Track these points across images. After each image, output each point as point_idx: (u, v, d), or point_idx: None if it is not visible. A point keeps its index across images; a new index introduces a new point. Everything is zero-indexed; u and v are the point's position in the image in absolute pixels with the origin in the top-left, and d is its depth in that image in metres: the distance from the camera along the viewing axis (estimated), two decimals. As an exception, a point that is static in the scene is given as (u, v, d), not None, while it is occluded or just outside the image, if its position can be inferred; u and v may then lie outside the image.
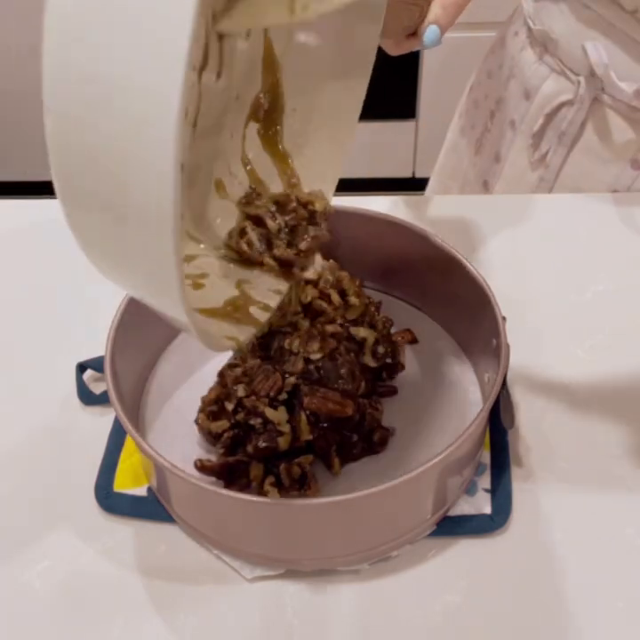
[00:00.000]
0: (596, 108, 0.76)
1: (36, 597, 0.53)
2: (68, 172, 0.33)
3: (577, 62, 0.75)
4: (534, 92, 0.81)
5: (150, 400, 0.62)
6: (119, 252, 0.35)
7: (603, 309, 0.68)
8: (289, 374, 0.57)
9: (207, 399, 0.59)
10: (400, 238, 0.61)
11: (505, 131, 0.87)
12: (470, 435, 0.49)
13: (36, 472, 0.59)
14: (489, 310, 0.55)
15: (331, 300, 0.59)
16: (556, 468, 0.58)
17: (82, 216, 0.35)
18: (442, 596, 0.52)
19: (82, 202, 0.34)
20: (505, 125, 0.87)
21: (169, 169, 0.30)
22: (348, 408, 0.55)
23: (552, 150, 0.80)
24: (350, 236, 0.63)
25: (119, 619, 0.52)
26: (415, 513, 0.52)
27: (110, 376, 0.53)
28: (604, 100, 0.75)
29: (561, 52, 0.77)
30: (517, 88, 0.84)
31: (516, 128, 0.85)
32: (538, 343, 0.65)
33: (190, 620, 0.52)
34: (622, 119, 0.75)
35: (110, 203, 0.33)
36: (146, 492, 0.57)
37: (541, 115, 0.80)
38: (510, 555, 0.54)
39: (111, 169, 0.31)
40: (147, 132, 0.30)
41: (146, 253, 0.34)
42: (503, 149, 0.87)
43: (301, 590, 0.53)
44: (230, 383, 0.58)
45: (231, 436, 0.56)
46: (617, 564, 0.53)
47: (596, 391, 0.62)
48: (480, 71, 0.93)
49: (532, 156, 0.84)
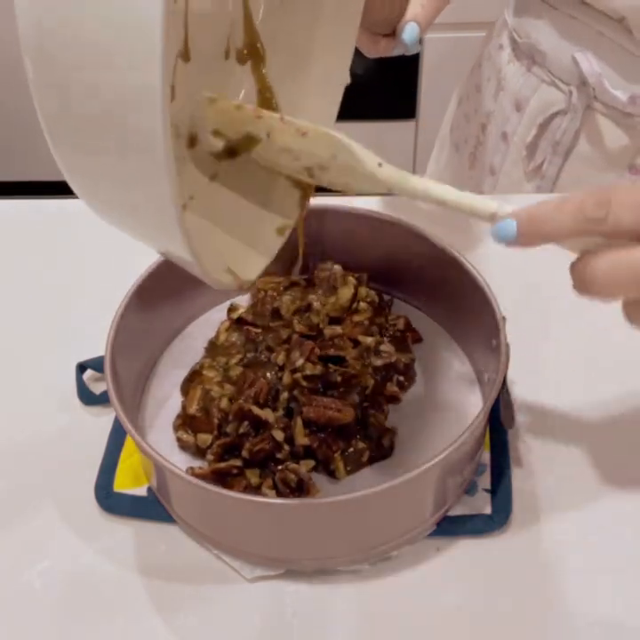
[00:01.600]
0: (589, 115, 0.76)
1: (36, 597, 0.53)
2: (52, 93, 0.32)
3: (567, 72, 0.75)
4: (525, 104, 0.81)
5: (150, 400, 0.62)
6: (113, 173, 0.34)
7: (603, 308, 0.68)
8: (282, 388, 0.56)
9: (185, 415, 0.59)
10: (400, 238, 0.61)
11: (498, 143, 0.86)
12: (470, 435, 0.49)
13: (36, 472, 0.59)
14: (489, 310, 0.55)
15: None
16: (555, 468, 0.58)
17: (69, 146, 0.34)
18: (442, 596, 0.52)
19: (69, 125, 0.33)
20: (497, 138, 0.86)
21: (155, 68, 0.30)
22: (347, 415, 0.55)
23: (547, 160, 0.80)
24: (350, 236, 0.63)
25: (119, 619, 0.52)
26: (415, 513, 0.52)
27: (110, 376, 0.53)
28: (597, 107, 0.75)
29: (550, 63, 0.77)
30: (507, 100, 0.83)
31: (508, 140, 0.85)
32: (538, 343, 0.65)
33: (190, 620, 0.52)
34: (616, 126, 0.75)
35: (99, 118, 0.32)
36: (146, 492, 0.57)
37: (534, 125, 0.80)
38: (510, 555, 0.54)
39: (97, 76, 0.31)
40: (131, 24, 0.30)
41: (140, 167, 0.33)
42: (497, 162, 0.87)
43: (301, 590, 0.53)
44: (206, 395, 0.58)
45: (221, 444, 0.55)
46: (617, 564, 0.53)
47: (596, 391, 0.62)
48: (468, 85, 0.93)
49: (527, 166, 0.84)
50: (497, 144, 0.86)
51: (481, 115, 0.89)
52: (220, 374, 0.60)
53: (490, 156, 0.88)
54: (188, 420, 0.58)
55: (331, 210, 0.64)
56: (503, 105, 0.84)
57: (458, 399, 0.60)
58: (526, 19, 0.79)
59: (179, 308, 0.64)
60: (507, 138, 0.85)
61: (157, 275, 0.59)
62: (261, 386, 0.56)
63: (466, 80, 0.94)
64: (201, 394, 0.59)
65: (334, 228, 0.63)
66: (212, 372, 0.61)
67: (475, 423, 0.49)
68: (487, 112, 0.87)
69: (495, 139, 0.87)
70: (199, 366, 0.62)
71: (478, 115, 0.90)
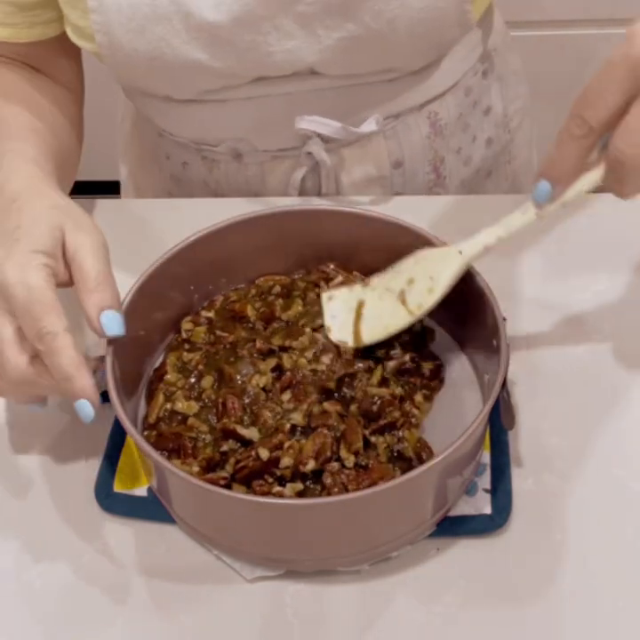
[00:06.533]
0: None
1: (36, 597, 0.53)
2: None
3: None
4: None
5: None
6: None
7: (603, 309, 0.68)
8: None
9: (148, 425, 0.58)
10: (399, 238, 0.61)
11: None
12: (470, 435, 0.49)
13: (36, 472, 0.59)
14: (489, 310, 0.55)
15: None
16: (555, 468, 0.58)
17: None
18: (442, 596, 0.52)
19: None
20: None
21: None
22: (388, 475, 0.53)
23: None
24: (349, 237, 0.63)
25: (119, 619, 0.52)
26: (415, 513, 0.52)
27: (110, 376, 0.53)
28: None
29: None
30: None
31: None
32: (538, 343, 0.65)
33: (190, 621, 0.52)
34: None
35: None
36: (146, 493, 0.57)
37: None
38: (510, 555, 0.54)
39: None
40: None
41: None
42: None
43: (301, 590, 0.53)
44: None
45: (207, 458, 0.54)
46: (617, 563, 0.53)
47: (595, 391, 0.62)
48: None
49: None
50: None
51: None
52: (183, 378, 0.59)
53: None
54: (153, 434, 0.57)
55: (331, 211, 0.64)
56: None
57: (458, 399, 0.60)
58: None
59: (179, 308, 0.64)
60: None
61: (157, 275, 0.59)
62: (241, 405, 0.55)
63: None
64: (162, 401, 0.58)
65: (335, 229, 0.63)
66: (175, 374, 0.59)
67: (475, 423, 0.49)
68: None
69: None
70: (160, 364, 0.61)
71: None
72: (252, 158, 0.77)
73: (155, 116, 0.79)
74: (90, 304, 0.53)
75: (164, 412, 0.57)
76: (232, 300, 0.63)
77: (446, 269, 0.56)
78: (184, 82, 0.70)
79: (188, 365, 0.60)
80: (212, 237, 0.61)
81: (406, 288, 0.58)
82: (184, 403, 0.57)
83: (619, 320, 0.67)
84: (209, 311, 0.63)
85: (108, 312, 0.53)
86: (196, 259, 0.61)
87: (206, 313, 0.63)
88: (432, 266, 0.57)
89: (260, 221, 0.62)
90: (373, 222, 0.62)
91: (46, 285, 0.52)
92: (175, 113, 0.76)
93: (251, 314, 0.61)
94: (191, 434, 0.55)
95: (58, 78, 0.75)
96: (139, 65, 0.67)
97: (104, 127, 1.02)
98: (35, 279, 0.51)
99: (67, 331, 0.51)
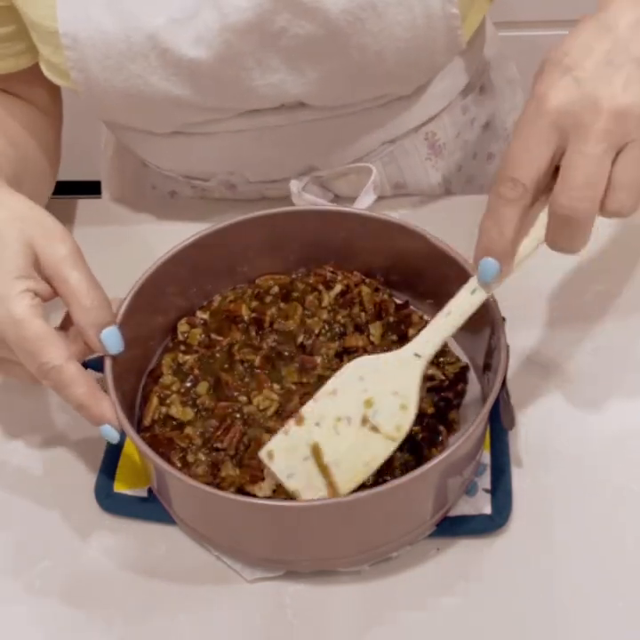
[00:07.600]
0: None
1: (36, 597, 0.53)
2: None
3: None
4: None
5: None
6: None
7: (603, 309, 0.68)
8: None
9: (144, 428, 0.57)
10: (400, 238, 0.61)
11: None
12: (470, 435, 0.49)
13: (36, 472, 0.59)
14: (489, 310, 0.55)
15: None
16: (555, 468, 0.58)
17: None
18: (442, 596, 0.52)
19: None
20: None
21: None
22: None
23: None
24: (349, 237, 0.63)
25: (119, 619, 0.52)
26: (415, 514, 0.52)
27: (110, 376, 0.53)
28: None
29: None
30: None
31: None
32: (538, 344, 0.65)
33: (190, 620, 0.52)
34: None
35: None
36: (146, 493, 0.57)
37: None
38: (510, 555, 0.54)
39: None
40: None
41: None
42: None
43: (301, 590, 0.53)
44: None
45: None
46: (617, 563, 0.53)
47: (596, 391, 0.62)
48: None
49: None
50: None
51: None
52: (178, 381, 0.59)
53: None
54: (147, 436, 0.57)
55: (331, 211, 0.64)
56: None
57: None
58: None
59: (179, 308, 0.64)
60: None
61: (157, 275, 0.59)
62: (235, 432, 0.55)
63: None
64: (157, 404, 0.58)
65: (335, 229, 0.63)
66: (170, 376, 0.59)
67: (475, 423, 0.49)
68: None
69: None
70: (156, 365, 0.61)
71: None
72: (247, 187, 0.76)
73: (137, 149, 0.77)
74: (87, 324, 0.51)
75: (158, 415, 0.57)
76: (229, 299, 0.63)
77: (410, 381, 0.51)
78: (165, 116, 0.68)
79: (184, 367, 0.60)
80: (213, 237, 0.61)
81: (368, 412, 0.51)
82: (179, 408, 0.57)
83: (619, 320, 0.67)
84: (205, 312, 0.63)
85: (106, 331, 0.51)
86: (196, 259, 0.61)
87: (202, 314, 0.63)
88: (390, 380, 0.51)
89: (260, 221, 0.62)
90: (373, 222, 0.62)
91: (33, 314, 0.49)
92: (159, 146, 0.74)
93: (245, 313, 0.61)
94: (183, 444, 0.55)
95: (34, 103, 0.73)
96: (116, 101, 0.65)
97: (87, 126, 0.98)
98: (19, 311, 0.48)
99: (69, 359, 0.49)
